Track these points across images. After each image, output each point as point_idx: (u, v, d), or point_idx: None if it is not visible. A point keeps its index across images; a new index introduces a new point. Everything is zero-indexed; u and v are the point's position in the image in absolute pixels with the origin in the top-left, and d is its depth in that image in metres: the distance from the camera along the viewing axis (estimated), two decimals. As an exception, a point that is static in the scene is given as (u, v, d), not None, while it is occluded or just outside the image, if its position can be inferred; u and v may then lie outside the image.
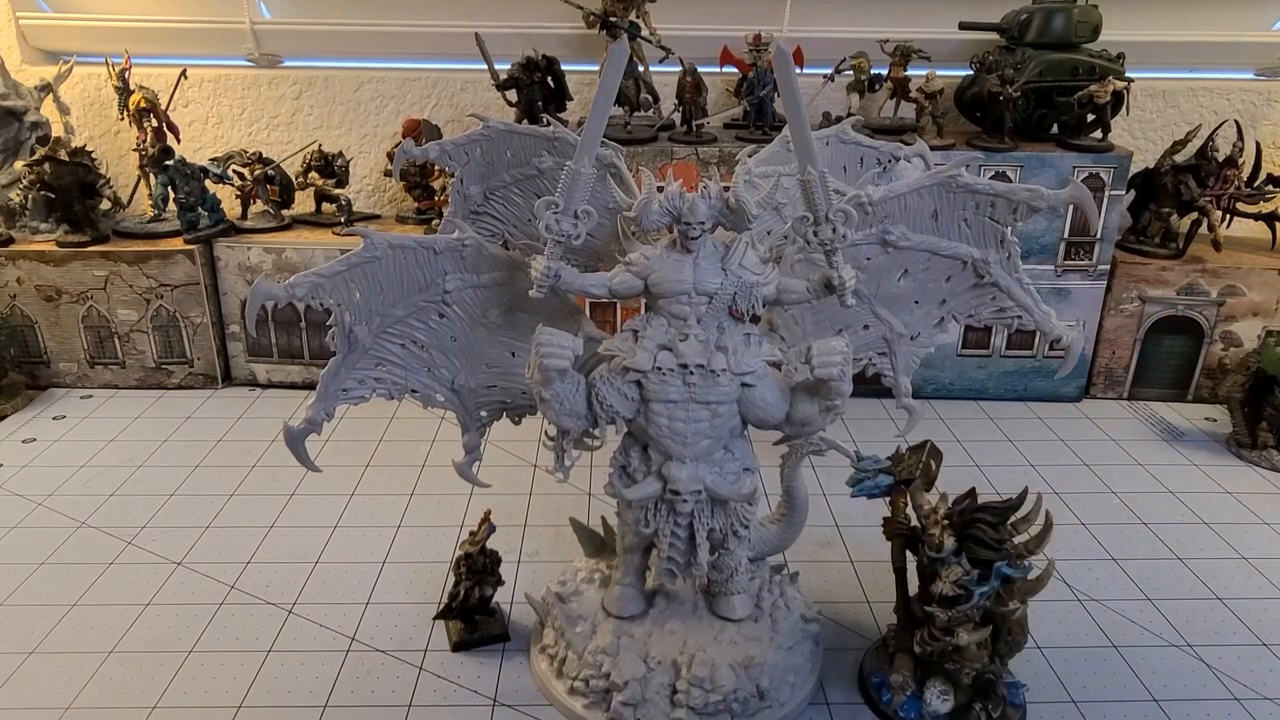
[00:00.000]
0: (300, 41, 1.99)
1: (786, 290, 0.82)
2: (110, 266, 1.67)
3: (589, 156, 0.77)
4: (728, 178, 0.84)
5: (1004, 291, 0.90)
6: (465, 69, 1.93)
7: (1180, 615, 1.10)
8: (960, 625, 0.86)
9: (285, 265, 1.70)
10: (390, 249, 0.83)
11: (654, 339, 0.81)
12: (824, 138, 0.99)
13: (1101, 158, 1.63)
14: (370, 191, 2.05)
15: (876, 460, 0.96)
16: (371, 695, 0.96)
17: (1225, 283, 1.67)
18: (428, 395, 0.92)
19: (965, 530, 0.86)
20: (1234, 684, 0.99)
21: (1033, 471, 1.46)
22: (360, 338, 0.85)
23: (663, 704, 0.89)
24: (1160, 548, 1.25)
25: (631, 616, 0.96)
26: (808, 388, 0.82)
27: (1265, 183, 1.71)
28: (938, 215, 0.86)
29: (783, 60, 0.72)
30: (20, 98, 1.76)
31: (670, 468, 0.84)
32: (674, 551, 0.89)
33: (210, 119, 2.01)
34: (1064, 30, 1.69)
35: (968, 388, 1.75)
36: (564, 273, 0.80)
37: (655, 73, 1.78)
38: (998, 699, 0.90)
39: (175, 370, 1.75)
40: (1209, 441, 1.58)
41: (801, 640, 0.97)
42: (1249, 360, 1.56)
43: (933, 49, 1.76)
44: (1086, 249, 1.66)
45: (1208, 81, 1.95)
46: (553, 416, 0.82)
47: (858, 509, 1.22)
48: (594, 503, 1.31)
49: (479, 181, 0.95)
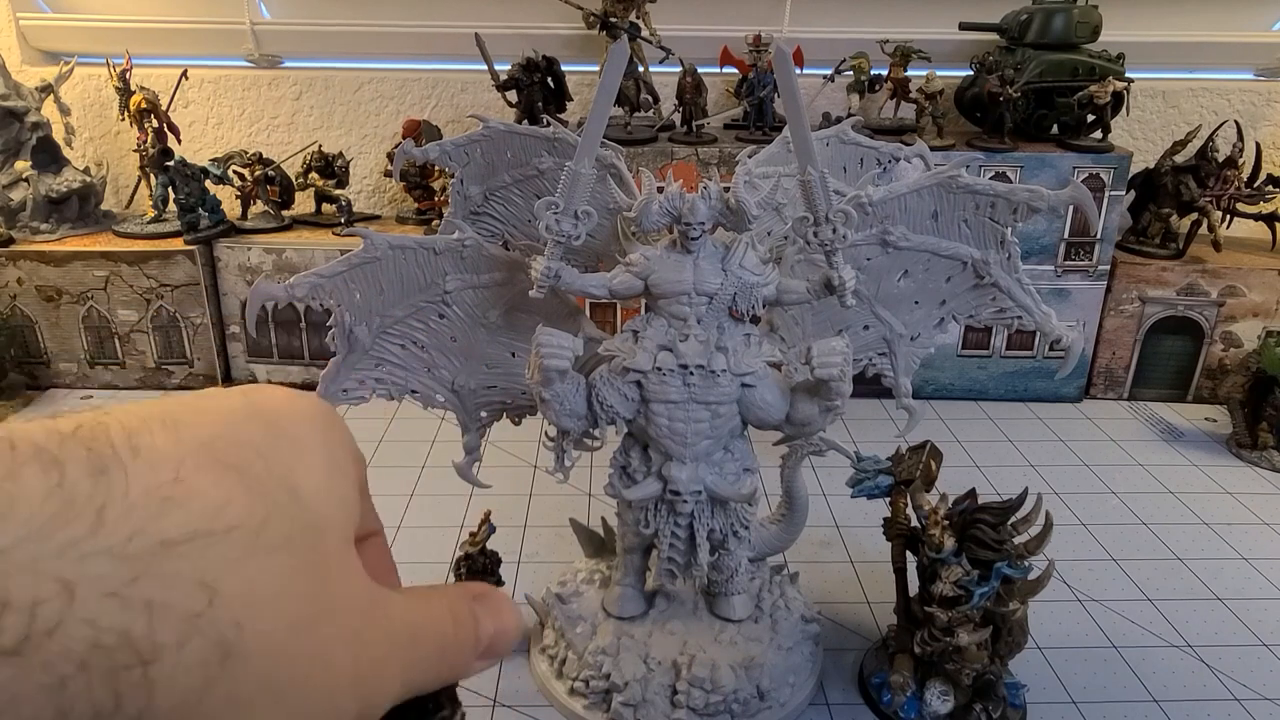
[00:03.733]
0: (300, 42, 1.99)
1: (787, 291, 0.82)
2: (110, 267, 1.67)
3: (589, 157, 0.77)
4: (728, 178, 0.83)
5: (1004, 292, 0.90)
6: (465, 69, 1.93)
7: (1180, 615, 1.11)
8: (960, 626, 0.86)
9: (285, 266, 1.70)
10: (390, 249, 0.83)
11: (654, 339, 0.81)
12: (824, 138, 0.99)
13: (1101, 158, 1.63)
14: (370, 192, 2.05)
15: (876, 461, 0.96)
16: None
17: (1225, 283, 1.67)
18: (428, 396, 0.92)
19: (965, 531, 0.86)
20: (1234, 684, 0.99)
21: (1033, 472, 1.46)
22: (360, 338, 0.85)
23: (663, 704, 0.89)
24: (1160, 548, 1.25)
25: (631, 617, 0.96)
26: (808, 388, 0.82)
27: (1265, 183, 1.71)
28: (938, 216, 0.86)
29: (783, 60, 0.72)
30: (21, 98, 1.76)
31: (670, 468, 0.84)
32: (674, 552, 0.89)
33: (210, 119, 2.01)
34: (1064, 31, 1.69)
35: (968, 388, 1.75)
36: (564, 273, 0.80)
37: (655, 73, 1.78)
38: (998, 699, 0.90)
39: (175, 370, 1.75)
40: (1209, 442, 1.58)
41: (801, 641, 0.97)
42: (1249, 360, 1.56)
43: (933, 49, 1.76)
44: (1087, 249, 1.66)
45: (1208, 82, 1.95)
46: (553, 417, 0.82)
47: (858, 509, 1.22)
48: (594, 503, 1.31)
49: (479, 182, 0.95)
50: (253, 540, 0.26)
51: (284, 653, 0.26)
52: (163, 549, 0.24)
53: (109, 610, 0.22)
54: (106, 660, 0.22)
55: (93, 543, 0.23)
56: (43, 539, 0.22)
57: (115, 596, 0.23)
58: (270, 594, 0.26)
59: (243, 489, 0.27)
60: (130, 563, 0.23)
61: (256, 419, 0.30)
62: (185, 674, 0.24)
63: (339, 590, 0.30)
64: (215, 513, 0.26)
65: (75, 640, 0.22)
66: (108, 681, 0.22)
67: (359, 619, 0.30)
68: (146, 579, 0.23)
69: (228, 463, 0.27)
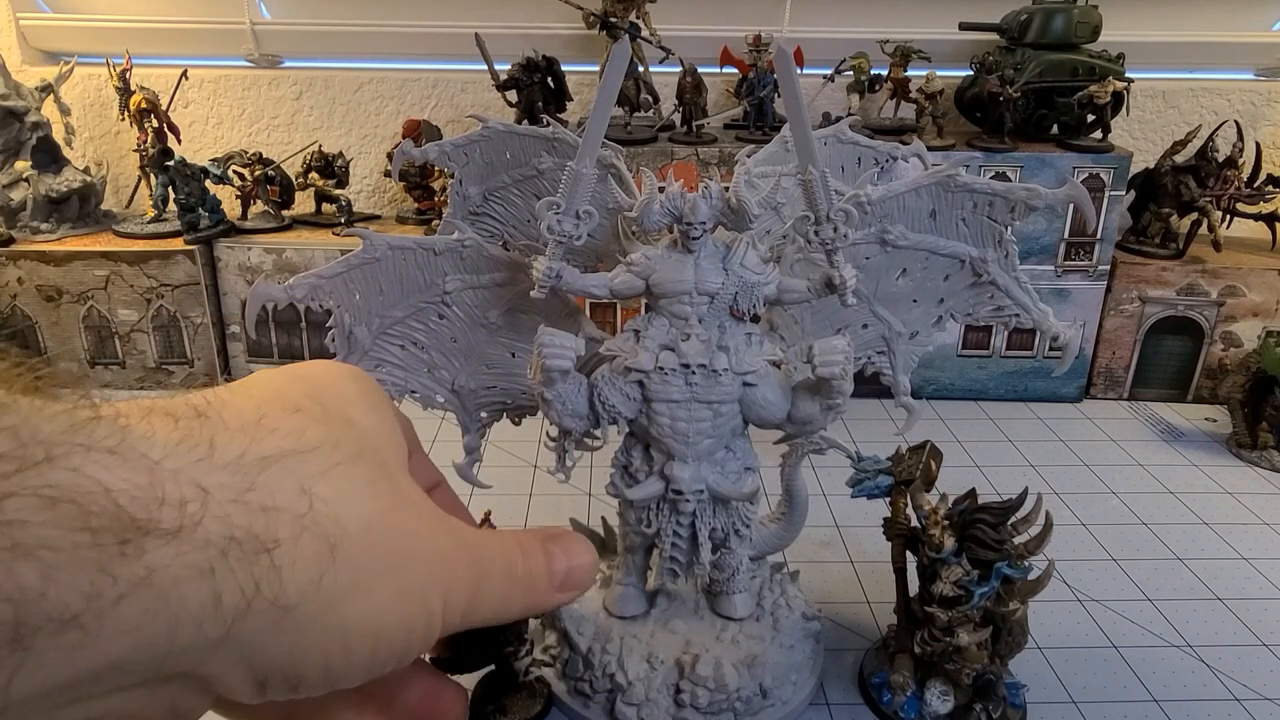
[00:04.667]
0: (300, 42, 1.99)
1: (787, 290, 0.82)
2: (111, 266, 1.67)
3: (590, 157, 0.77)
4: (728, 178, 0.84)
5: (1001, 290, 0.90)
6: (465, 69, 1.93)
7: (1180, 615, 1.11)
8: (960, 625, 0.86)
9: (285, 266, 1.70)
10: (390, 250, 0.83)
11: (656, 339, 0.81)
12: (822, 138, 0.99)
13: (1101, 158, 1.63)
14: (370, 192, 2.05)
15: (876, 460, 0.96)
16: (372, 695, 0.96)
17: (1225, 283, 1.67)
18: (428, 396, 0.92)
19: (965, 531, 0.86)
20: (1234, 684, 0.99)
21: (1033, 471, 1.46)
22: (360, 339, 0.85)
23: (667, 703, 0.89)
24: (1160, 548, 1.25)
25: (633, 616, 0.96)
26: (809, 387, 0.82)
27: (1265, 183, 1.71)
28: (936, 214, 0.86)
29: (784, 60, 0.72)
30: (21, 98, 1.76)
31: (672, 467, 0.84)
32: (676, 551, 0.89)
33: (210, 119, 2.01)
34: (1064, 31, 1.69)
35: (968, 388, 1.75)
36: (565, 273, 0.80)
37: (655, 73, 1.78)
38: (998, 699, 0.90)
39: (176, 370, 1.75)
40: (1209, 441, 1.58)
41: (803, 639, 0.97)
42: (1249, 360, 1.56)
43: (933, 49, 1.76)
44: (1086, 249, 1.66)
45: (1208, 82, 1.95)
46: (554, 417, 0.82)
47: (858, 509, 1.22)
48: (594, 503, 1.31)
49: (478, 182, 0.94)
50: (331, 455, 0.32)
51: (379, 539, 0.32)
52: (264, 464, 0.30)
53: (235, 512, 0.28)
54: (240, 551, 0.28)
55: (212, 461, 0.29)
56: (179, 457, 0.28)
57: (238, 502, 0.29)
58: (355, 494, 0.32)
59: (313, 421, 0.33)
60: (243, 475, 0.29)
61: (302, 380, 0.37)
62: (304, 564, 0.29)
63: (409, 491, 0.36)
64: (298, 437, 0.32)
65: (214, 534, 0.28)
66: (246, 568, 0.28)
67: (430, 515, 0.36)
68: (258, 488, 0.29)
69: (295, 406, 0.34)
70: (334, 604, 0.30)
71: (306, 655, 0.30)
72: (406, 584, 0.33)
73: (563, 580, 0.40)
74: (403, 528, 0.33)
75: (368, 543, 0.31)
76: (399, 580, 0.32)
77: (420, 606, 0.33)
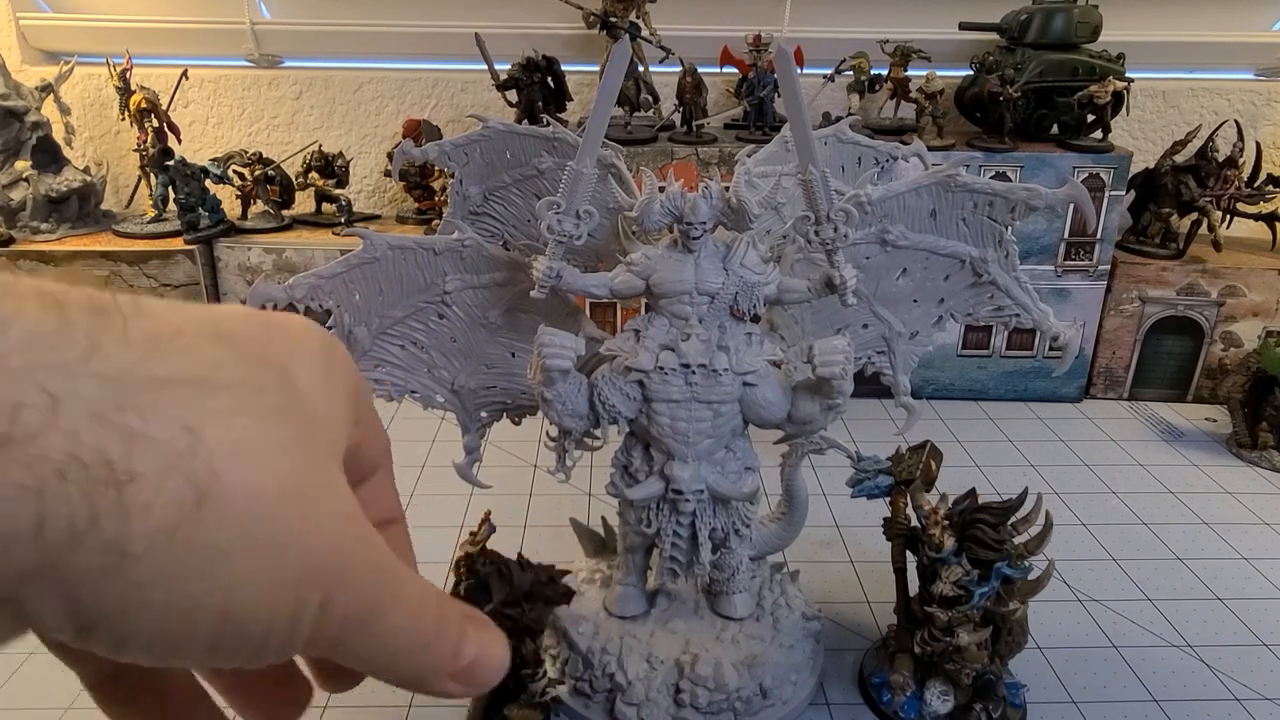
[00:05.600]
0: (300, 41, 1.99)
1: (787, 290, 0.82)
2: (111, 266, 1.67)
3: (591, 157, 0.77)
4: (728, 178, 0.83)
5: (1001, 290, 0.90)
6: (465, 69, 1.93)
7: (1180, 615, 1.11)
8: (960, 625, 0.86)
9: (285, 265, 1.70)
10: (390, 250, 0.83)
11: (656, 339, 0.81)
12: (822, 137, 0.99)
13: (1101, 158, 1.63)
14: (370, 192, 2.05)
15: (876, 460, 0.96)
16: (372, 695, 0.96)
17: (1225, 283, 1.67)
18: (428, 396, 0.92)
19: (965, 531, 0.86)
20: (1234, 684, 0.99)
21: (1033, 471, 1.46)
22: (360, 339, 0.85)
23: (666, 703, 0.89)
24: (1160, 548, 1.25)
25: (633, 616, 0.96)
26: (809, 387, 0.82)
27: (1265, 183, 1.71)
28: (936, 214, 0.86)
29: (784, 60, 0.72)
30: (21, 98, 1.76)
31: (673, 467, 0.84)
32: (676, 551, 0.89)
33: (210, 119, 2.01)
34: (1064, 30, 1.69)
35: (968, 388, 1.75)
36: (566, 273, 0.80)
37: (655, 73, 1.78)
38: (998, 699, 0.90)
39: (175, 370, 1.75)
40: (1209, 441, 1.58)
41: (803, 639, 0.97)
42: (1249, 360, 1.56)
43: (933, 49, 1.76)
44: (1087, 249, 1.66)
45: (1208, 81, 1.95)
46: (555, 417, 0.82)
47: (858, 509, 1.22)
48: (594, 503, 1.31)
49: (478, 182, 0.95)
50: (245, 400, 0.27)
51: (265, 513, 0.27)
52: (151, 384, 0.25)
53: (90, 430, 0.24)
54: (84, 475, 0.23)
55: (83, 367, 0.24)
56: (33, 352, 0.23)
57: (99, 418, 0.24)
58: (255, 451, 0.27)
59: (241, 359, 0.28)
60: (117, 390, 0.24)
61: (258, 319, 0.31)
62: (160, 509, 0.25)
63: (330, 476, 0.30)
64: (211, 367, 0.27)
65: (54, 449, 0.23)
66: (85, 497, 0.23)
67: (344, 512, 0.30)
68: (132, 410, 0.24)
69: (228, 337, 0.29)
70: (186, 565, 0.25)
71: (139, 614, 0.25)
72: (283, 571, 0.28)
73: (466, 664, 0.34)
74: (302, 509, 0.28)
75: (249, 508, 0.26)
76: (274, 563, 0.27)
77: (291, 601, 0.28)
